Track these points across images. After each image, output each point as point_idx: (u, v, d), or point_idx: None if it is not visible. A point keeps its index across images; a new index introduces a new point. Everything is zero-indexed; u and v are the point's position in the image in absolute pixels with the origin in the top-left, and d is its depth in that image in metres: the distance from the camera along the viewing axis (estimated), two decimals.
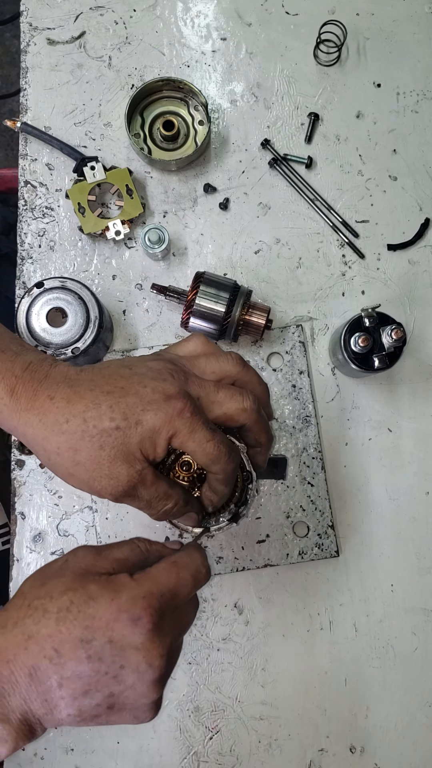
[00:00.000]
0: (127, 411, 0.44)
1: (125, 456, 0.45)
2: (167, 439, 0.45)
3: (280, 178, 0.78)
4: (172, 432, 0.45)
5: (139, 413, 0.44)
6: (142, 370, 0.47)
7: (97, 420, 0.44)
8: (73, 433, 0.44)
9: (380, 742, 0.70)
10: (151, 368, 0.47)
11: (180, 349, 0.52)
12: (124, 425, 0.44)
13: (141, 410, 0.44)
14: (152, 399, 0.45)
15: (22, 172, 0.77)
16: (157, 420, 0.44)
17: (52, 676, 0.41)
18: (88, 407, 0.45)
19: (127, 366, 0.47)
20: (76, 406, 0.45)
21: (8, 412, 0.46)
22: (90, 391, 0.45)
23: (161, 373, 0.47)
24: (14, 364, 0.47)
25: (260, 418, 0.50)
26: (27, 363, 0.47)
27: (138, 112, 0.77)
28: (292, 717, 0.70)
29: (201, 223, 0.77)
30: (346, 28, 0.77)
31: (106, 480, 0.45)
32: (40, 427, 0.45)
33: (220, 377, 0.50)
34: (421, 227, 0.76)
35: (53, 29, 0.80)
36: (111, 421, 0.44)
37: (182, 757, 0.69)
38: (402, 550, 0.72)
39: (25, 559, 0.71)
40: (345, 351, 0.67)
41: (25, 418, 0.45)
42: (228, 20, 0.80)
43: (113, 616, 0.41)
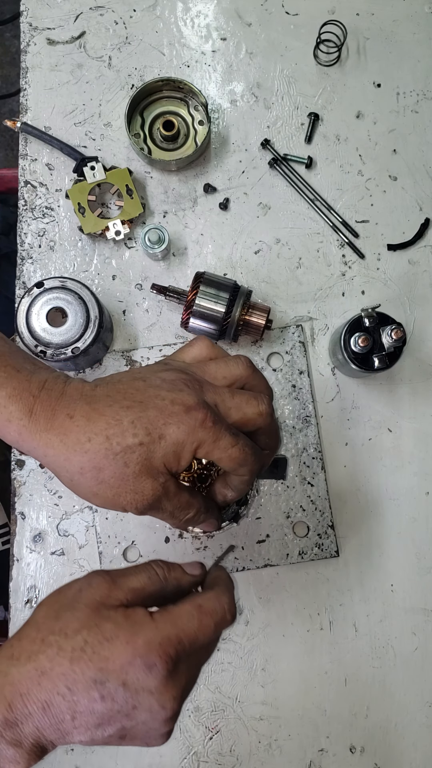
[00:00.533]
0: (149, 426, 0.44)
1: (149, 471, 0.44)
2: (192, 451, 0.45)
3: (280, 178, 0.78)
4: (197, 444, 0.44)
5: (161, 427, 0.44)
6: (156, 382, 0.46)
7: (120, 437, 0.44)
8: (96, 452, 0.44)
9: (380, 742, 0.70)
10: (165, 380, 0.47)
11: (185, 355, 0.52)
12: (147, 440, 0.44)
13: (163, 424, 0.44)
14: (172, 411, 0.44)
15: (22, 172, 0.77)
16: (180, 433, 0.44)
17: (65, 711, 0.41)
18: (109, 424, 0.44)
19: (141, 378, 0.47)
20: (97, 424, 0.44)
21: (28, 433, 0.45)
22: (109, 407, 0.45)
23: (176, 383, 0.46)
24: (30, 383, 0.46)
25: (273, 421, 0.50)
26: (43, 381, 0.47)
27: (138, 112, 0.77)
28: (292, 717, 0.70)
29: (201, 223, 0.77)
30: (346, 28, 0.77)
31: (131, 495, 0.45)
32: (62, 447, 0.45)
33: (231, 382, 0.49)
34: (421, 227, 0.76)
35: (53, 29, 0.80)
36: (134, 437, 0.44)
37: (182, 757, 0.69)
38: (402, 550, 0.72)
39: (25, 559, 0.71)
40: (345, 351, 0.67)
41: (45, 438, 0.45)
42: (228, 20, 0.80)
43: (128, 660, 0.40)
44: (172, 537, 0.71)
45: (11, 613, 0.71)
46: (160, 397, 0.45)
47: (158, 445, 0.44)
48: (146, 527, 0.70)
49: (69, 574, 0.71)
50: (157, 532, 0.71)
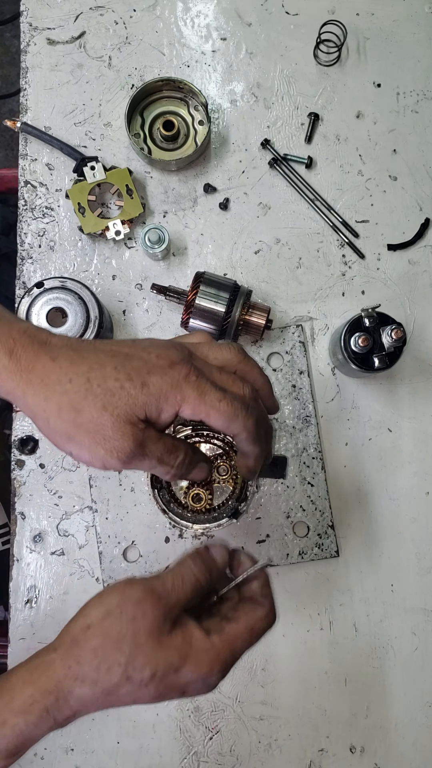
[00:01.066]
0: (132, 372, 0.43)
1: (128, 417, 0.43)
2: (176, 405, 0.44)
3: (280, 178, 0.78)
4: (181, 398, 0.44)
5: (144, 375, 0.43)
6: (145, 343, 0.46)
7: (102, 380, 0.43)
8: (76, 392, 0.43)
9: (380, 743, 0.70)
10: (154, 342, 0.46)
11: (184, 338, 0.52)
12: (129, 386, 0.43)
13: (147, 373, 0.43)
14: (157, 364, 0.44)
15: (22, 172, 0.77)
16: (163, 383, 0.43)
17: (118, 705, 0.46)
18: (92, 368, 0.43)
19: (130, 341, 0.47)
20: (80, 366, 0.43)
21: (7, 373, 0.44)
22: (94, 354, 0.44)
23: (165, 346, 0.46)
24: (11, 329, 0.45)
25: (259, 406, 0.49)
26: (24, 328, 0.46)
27: (138, 112, 0.77)
28: (292, 717, 0.70)
29: (201, 223, 0.77)
30: (346, 28, 0.77)
31: (111, 442, 0.43)
32: (41, 386, 0.44)
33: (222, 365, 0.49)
34: (421, 227, 0.76)
35: (53, 29, 0.80)
36: (116, 381, 0.43)
37: (182, 757, 0.69)
38: (402, 550, 0.72)
39: (25, 559, 0.71)
40: (345, 351, 0.67)
41: (26, 378, 0.44)
42: (228, 20, 0.80)
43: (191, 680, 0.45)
44: (172, 537, 0.71)
45: (11, 613, 0.71)
46: (146, 351, 0.45)
47: (140, 391, 0.43)
48: (147, 527, 0.71)
49: (69, 574, 0.71)
50: (157, 532, 0.71)
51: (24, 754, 0.47)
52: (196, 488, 0.63)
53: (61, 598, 0.71)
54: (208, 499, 0.66)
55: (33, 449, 0.73)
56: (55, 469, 0.72)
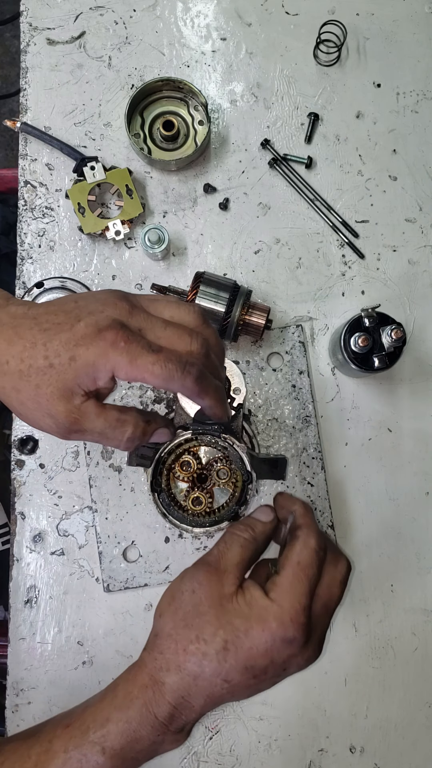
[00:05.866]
0: (59, 348, 0.44)
1: (62, 392, 0.44)
2: (108, 371, 0.44)
3: (280, 178, 0.78)
4: (111, 365, 0.43)
5: (72, 349, 0.43)
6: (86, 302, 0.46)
7: (32, 359, 0.44)
8: (12, 374, 0.44)
9: (380, 743, 0.70)
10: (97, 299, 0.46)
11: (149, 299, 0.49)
12: (56, 362, 0.44)
13: (74, 345, 0.43)
14: (85, 333, 0.44)
15: (22, 172, 0.77)
16: (89, 354, 0.43)
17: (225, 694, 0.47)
18: (25, 347, 0.44)
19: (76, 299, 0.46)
20: (15, 346, 0.44)
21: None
22: (29, 330, 0.45)
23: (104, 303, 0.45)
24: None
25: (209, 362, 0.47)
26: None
27: (138, 112, 0.77)
28: (291, 717, 0.70)
29: (201, 223, 0.77)
30: (346, 28, 0.77)
31: (48, 419, 0.45)
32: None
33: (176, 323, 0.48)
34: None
35: (53, 29, 0.80)
36: (45, 359, 0.44)
37: (182, 757, 0.69)
38: (402, 550, 0.72)
39: (25, 559, 0.71)
40: (345, 351, 0.67)
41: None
42: (228, 20, 0.80)
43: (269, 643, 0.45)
44: (172, 537, 0.71)
45: (11, 613, 0.71)
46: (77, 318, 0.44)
47: (68, 366, 0.43)
48: (147, 527, 0.71)
49: (69, 574, 0.71)
50: (157, 532, 0.71)
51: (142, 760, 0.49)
52: (196, 492, 0.63)
53: (60, 598, 0.71)
54: (208, 503, 0.66)
55: (33, 449, 0.73)
56: (55, 469, 0.72)
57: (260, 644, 0.45)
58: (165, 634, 0.48)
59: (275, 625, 0.45)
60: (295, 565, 0.47)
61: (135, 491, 0.71)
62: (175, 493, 0.64)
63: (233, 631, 0.45)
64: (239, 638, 0.45)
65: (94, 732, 0.47)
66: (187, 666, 0.46)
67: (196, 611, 0.47)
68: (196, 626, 0.46)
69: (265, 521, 0.51)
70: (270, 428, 0.72)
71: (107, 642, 0.70)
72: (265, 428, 0.72)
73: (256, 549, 0.50)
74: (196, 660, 0.46)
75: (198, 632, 0.46)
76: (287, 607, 0.45)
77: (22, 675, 0.70)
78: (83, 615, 0.71)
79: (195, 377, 0.45)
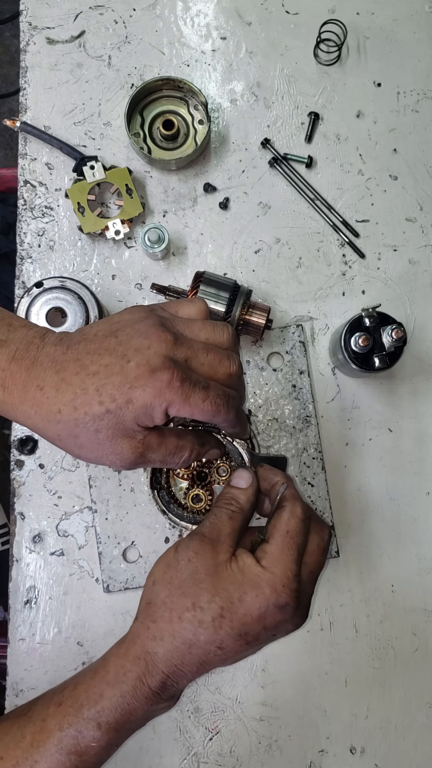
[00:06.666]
0: (114, 392, 0.44)
1: (123, 433, 0.45)
2: (163, 410, 0.45)
3: (280, 177, 0.77)
4: (166, 404, 0.44)
5: (127, 392, 0.44)
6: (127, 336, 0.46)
7: (87, 407, 0.44)
8: (67, 423, 0.45)
9: (380, 743, 0.70)
10: (137, 332, 0.46)
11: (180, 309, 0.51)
12: (113, 407, 0.44)
13: (129, 389, 0.44)
14: (138, 374, 0.44)
15: (22, 172, 0.77)
16: (146, 396, 0.44)
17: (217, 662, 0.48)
18: (76, 394, 0.44)
19: (114, 333, 0.46)
20: (65, 394, 0.44)
21: (5, 407, 0.47)
22: (76, 375, 0.45)
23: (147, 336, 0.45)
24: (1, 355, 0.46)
25: (242, 384, 0.51)
26: (12, 352, 0.46)
27: (138, 112, 0.77)
28: (292, 718, 0.70)
29: (201, 222, 0.77)
30: (347, 27, 0.77)
31: (112, 456, 0.46)
32: (37, 418, 0.46)
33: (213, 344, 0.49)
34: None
35: (53, 28, 0.79)
36: (100, 405, 0.44)
37: (182, 758, 0.69)
38: (402, 551, 0.72)
39: (24, 559, 0.71)
40: (345, 351, 0.67)
41: (22, 410, 0.46)
42: (228, 19, 0.80)
43: (262, 609, 0.46)
44: (172, 537, 0.71)
45: (11, 614, 0.70)
46: (126, 358, 0.44)
47: (126, 409, 0.44)
48: (147, 527, 0.70)
49: (68, 575, 0.71)
50: (157, 532, 0.70)
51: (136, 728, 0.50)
52: (196, 489, 0.63)
53: (60, 598, 0.71)
54: (207, 500, 0.66)
55: (32, 449, 0.73)
56: (55, 469, 0.72)
57: (254, 610, 0.46)
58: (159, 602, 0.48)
59: (268, 592, 0.46)
60: (284, 533, 0.49)
61: (135, 491, 0.71)
62: (174, 491, 0.64)
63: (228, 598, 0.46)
64: (234, 605, 0.46)
65: (88, 709, 0.48)
66: (182, 634, 0.46)
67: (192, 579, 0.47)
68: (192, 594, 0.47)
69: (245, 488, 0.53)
70: (270, 428, 0.72)
71: (107, 642, 0.70)
72: (265, 428, 0.72)
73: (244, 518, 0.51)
74: (191, 628, 0.46)
75: (194, 600, 0.47)
76: (279, 574, 0.47)
77: (22, 675, 0.70)
78: (83, 615, 0.71)
79: (236, 410, 0.48)
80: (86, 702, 0.48)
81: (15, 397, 0.46)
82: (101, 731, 0.47)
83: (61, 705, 0.49)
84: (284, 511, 0.50)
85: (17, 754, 0.48)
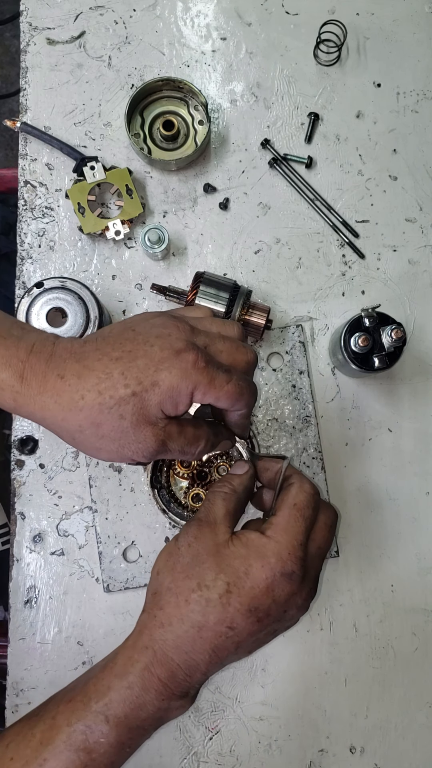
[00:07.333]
0: (140, 375, 0.44)
1: (147, 419, 0.44)
2: (189, 394, 0.44)
3: (280, 178, 0.78)
4: (192, 387, 0.44)
5: (152, 374, 0.44)
6: (145, 328, 0.46)
7: (113, 390, 0.43)
8: (91, 409, 0.44)
9: (380, 743, 0.70)
10: (154, 324, 0.46)
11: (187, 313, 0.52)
12: (139, 389, 0.43)
13: (154, 371, 0.44)
14: (162, 357, 0.44)
15: (22, 172, 0.77)
16: (173, 378, 0.43)
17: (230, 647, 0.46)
18: (100, 379, 0.44)
19: (131, 327, 0.47)
20: (88, 380, 0.44)
21: (22, 399, 0.45)
22: (98, 362, 0.44)
23: (166, 327, 0.46)
24: (18, 349, 0.46)
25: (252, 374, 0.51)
26: (30, 345, 0.46)
27: (138, 112, 0.77)
28: (292, 717, 0.70)
29: (201, 223, 0.77)
30: (346, 27, 0.77)
31: (134, 445, 0.45)
32: (57, 408, 0.45)
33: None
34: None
35: (53, 29, 0.79)
36: (126, 388, 0.43)
37: (182, 758, 0.69)
38: (402, 550, 0.72)
39: (24, 559, 0.71)
40: (345, 351, 0.67)
41: (40, 402, 0.45)
42: (228, 20, 0.80)
43: (269, 579, 0.45)
44: (172, 537, 0.71)
45: (11, 613, 0.71)
46: (149, 344, 0.44)
47: (152, 392, 0.44)
48: (147, 527, 0.70)
49: (69, 574, 0.71)
50: (157, 532, 0.70)
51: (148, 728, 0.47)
52: (196, 488, 0.63)
53: (60, 598, 0.71)
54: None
55: (33, 449, 0.73)
56: (55, 469, 0.72)
57: (261, 581, 0.45)
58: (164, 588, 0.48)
59: (274, 560, 0.45)
60: (291, 506, 0.48)
61: (135, 491, 0.71)
62: (174, 491, 0.64)
63: (234, 573, 0.45)
64: (240, 579, 0.45)
65: (96, 702, 0.46)
66: (190, 616, 0.45)
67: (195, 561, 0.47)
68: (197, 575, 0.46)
69: (240, 473, 0.52)
70: (270, 428, 0.72)
71: (107, 642, 0.70)
72: (265, 428, 0.72)
73: (238, 500, 0.51)
74: (199, 609, 0.45)
75: (199, 580, 0.46)
76: (285, 543, 0.46)
77: (22, 675, 0.70)
78: (83, 615, 0.71)
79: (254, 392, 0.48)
80: (94, 695, 0.47)
81: (33, 388, 0.45)
82: (109, 725, 0.46)
83: (71, 701, 0.48)
84: (292, 487, 0.50)
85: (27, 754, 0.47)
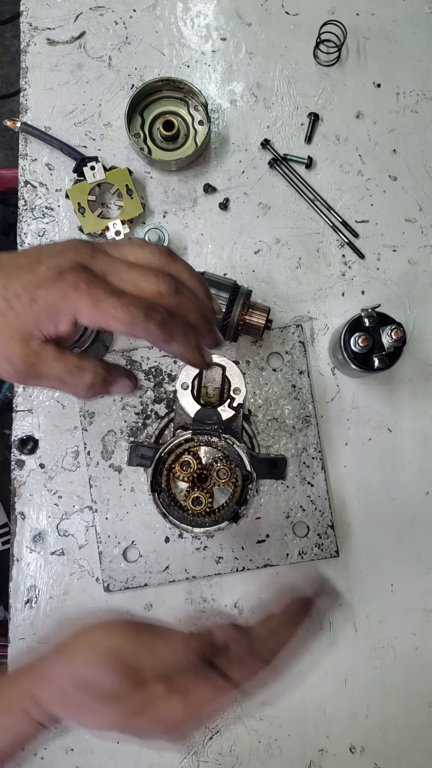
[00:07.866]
0: (20, 289, 0.43)
1: (21, 335, 0.43)
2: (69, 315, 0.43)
3: (280, 178, 0.78)
4: (72, 308, 0.43)
5: (32, 291, 0.43)
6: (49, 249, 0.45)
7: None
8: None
9: (380, 742, 0.70)
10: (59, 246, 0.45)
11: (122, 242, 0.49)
12: (17, 304, 0.43)
13: (34, 287, 0.43)
14: (46, 275, 0.43)
15: (22, 172, 0.77)
16: (50, 296, 0.42)
17: None
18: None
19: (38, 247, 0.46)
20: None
21: None
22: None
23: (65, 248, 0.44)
24: None
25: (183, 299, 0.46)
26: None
27: (138, 112, 0.77)
28: (291, 717, 0.70)
29: (201, 223, 0.77)
30: (346, 28, 0.77)
31: (5, 362, 0.44)
32: None
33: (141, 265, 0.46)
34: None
35: (53, 29, 0.80)
36: (4, 300, 0.43)
37: (182, 757, 0.69)
38: (402, 550, 0.72)
39: (25, 559, 0.71)
40: (345, 351, 0.67)
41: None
42: (228, 20, 0.80)
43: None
44: (172, 537, 0.71)
45: (11, 613, 0.71)
46: (41, 263, 0.44)
47: (29, 309, 0.43)
48: (147, 527, 0.71)
49: (69, 574, 0.71)
50: (157, 532, 0.71)
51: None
52: (196, 492, 0.63)
53: (61, 598, 0.71)
54: (207, 503, 0.66)
55: (33, 449, 0.73)
56: (55, 469, 0.72)
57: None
58: None
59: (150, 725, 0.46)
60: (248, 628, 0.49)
61: (135, 491, 0.71)
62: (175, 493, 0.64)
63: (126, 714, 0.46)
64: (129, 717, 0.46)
65: None
66: None
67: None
68: None
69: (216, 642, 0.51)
70: (270, 428, 0.72)
71: None
72: (265, 428, 0.72)
73: None
74: None
75: None
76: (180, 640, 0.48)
77: None
78: (83, 615, 0.71)
79: (158, 322, 0.43)
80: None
81: None
82: None
83: None
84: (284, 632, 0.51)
85: None
